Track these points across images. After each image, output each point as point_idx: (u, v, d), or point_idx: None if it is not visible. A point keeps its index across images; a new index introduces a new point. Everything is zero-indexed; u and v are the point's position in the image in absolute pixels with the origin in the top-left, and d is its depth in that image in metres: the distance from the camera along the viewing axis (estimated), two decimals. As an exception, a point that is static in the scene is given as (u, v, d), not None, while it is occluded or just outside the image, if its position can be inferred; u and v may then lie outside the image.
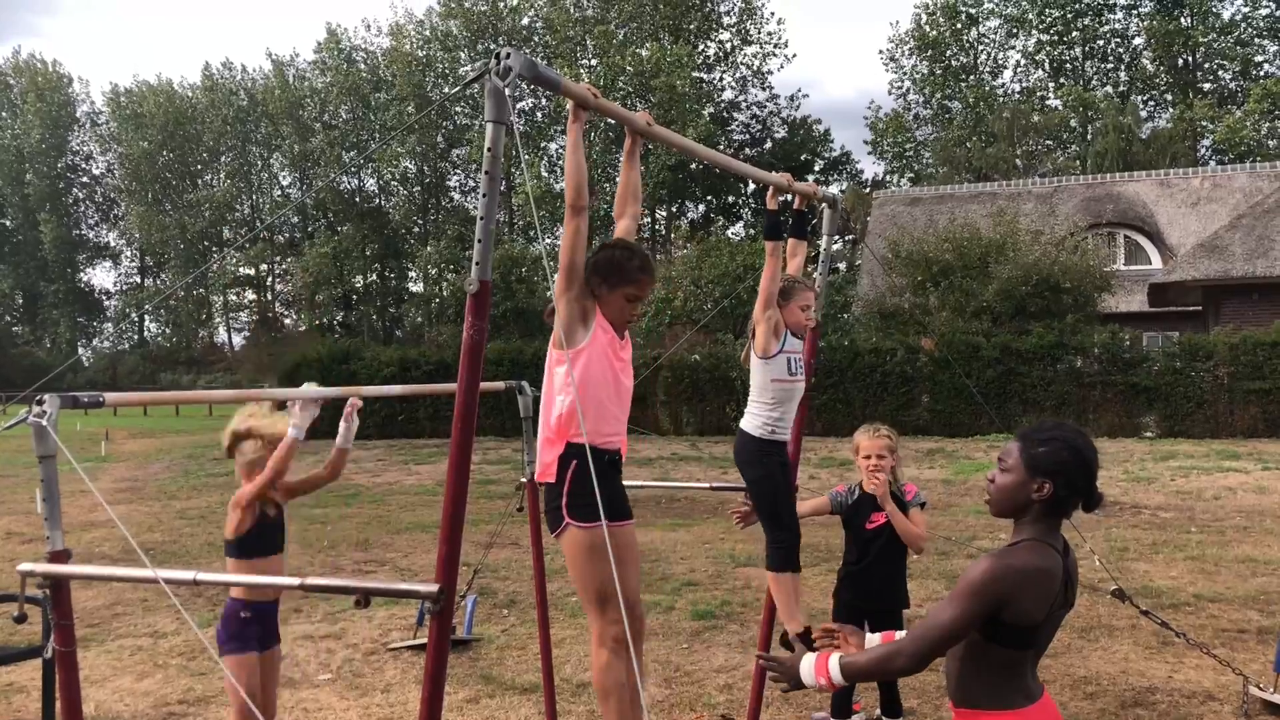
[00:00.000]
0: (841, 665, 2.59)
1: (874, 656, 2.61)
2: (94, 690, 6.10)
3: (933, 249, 24.61)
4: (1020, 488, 2.53)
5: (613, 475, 3.54)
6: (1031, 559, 2.46)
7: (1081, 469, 2.52)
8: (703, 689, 6.06)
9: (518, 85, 2.47)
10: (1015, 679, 2.55)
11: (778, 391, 4.31)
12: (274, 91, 65.18)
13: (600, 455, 3.41)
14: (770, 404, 4.32)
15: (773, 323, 4.23)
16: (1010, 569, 2.43)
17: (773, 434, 4.35)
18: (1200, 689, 5.89)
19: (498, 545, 10.10)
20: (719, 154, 4.05)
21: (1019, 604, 2.43)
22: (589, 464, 3.15)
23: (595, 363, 3.42)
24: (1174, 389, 20.73)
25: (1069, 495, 2.52)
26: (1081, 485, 2.53)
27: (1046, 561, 2.48)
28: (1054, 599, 2.49)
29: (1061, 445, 2.52)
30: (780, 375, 4.29)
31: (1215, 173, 32.80)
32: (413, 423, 24.54)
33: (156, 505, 14.86)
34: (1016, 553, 2.48)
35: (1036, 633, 2.51)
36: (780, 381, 4.30)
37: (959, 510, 12.91)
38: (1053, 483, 2.49)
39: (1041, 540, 2.51)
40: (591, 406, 3.38)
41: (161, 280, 71.90)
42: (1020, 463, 2.53)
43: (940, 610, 2.50)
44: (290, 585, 2.61)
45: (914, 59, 58.14)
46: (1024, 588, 2.43)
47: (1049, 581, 2.47)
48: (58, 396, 2.84)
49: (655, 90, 47.19)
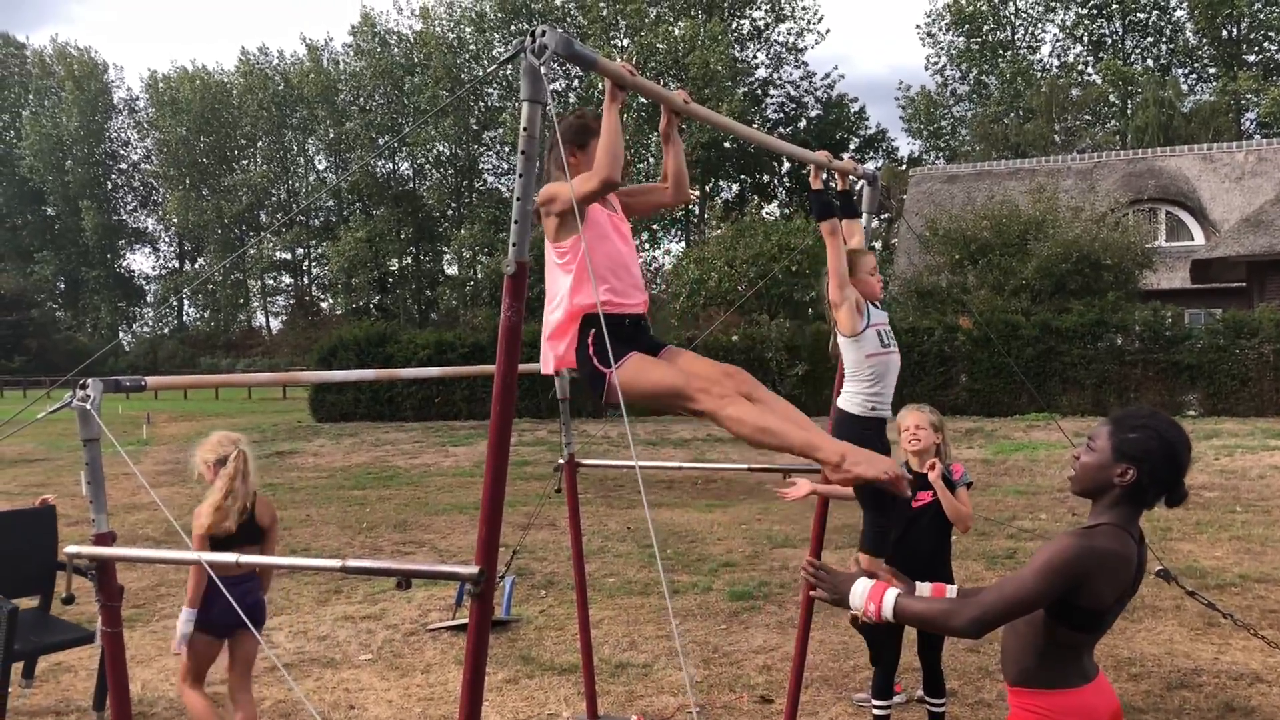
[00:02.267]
0: (898, 603, 2.56)
1: (934, 607, 2.57)
2: (140, 670, 6.19)
3: (971, 226, 24.36)
4: (1103, 470, 2.49)
5: (641, 335, 3.26)
6: (1112, 543, 2.43)
7: (1168, 461, 2.47)
8: (741, 670, 6.05)
9: (553, 64, 2.44)
10: (1075, 661, 2.53)
11: (874, 365, 4.23)
12: (309, 76, 65.48)
13: (621, 320, 3.19)
14: (869, 380, 4.24)
15: (852, 300, 4.17)
16: (1093, 550, 2.40)
17: (874, 410, 4.25)
18: (1248, 670, 5.82)
19: (535, 526, 10.14)
20: (757, 132, 4.00)
21: (1094, 587, 2.40)
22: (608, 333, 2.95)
23: (594, 228, 3.19)
24: (1217, 367, 20.43)
25: (1152, 485, 2.48)
26: (1166, 477, 2.48)
27: (1125, 548, 2.44)
28: (1125, 586, 2.47)
29: (1152, 434, 2.47)
30: (874, 349, 4.21)
31: (1260, 146, 32.15)
32: (449, 405, 24.66)
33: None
34: (1098, 535, 2.45)
35: (1103, 617, 2.48)
36: (875, 356, 4.22)
37: (998, 490, 12.81)
38: (1137, 469, 2.45)
39: (1120, 526, 2.47)
40: (603, 271, 3.14)
41: (200, 265, 72.62)
42: (1108, 445, 2.50)
43: (1014, 581, 2.46)
44: (331, 568, 2.62)
45: (951, 34, 57.48)
46: (1102, 571, 2.40)
47: (1124, 568, 2.44)
48: (100, 381, 2.86)
49: (689, 68, 46.94)
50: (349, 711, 5.53)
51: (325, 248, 63.46)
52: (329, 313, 65.00)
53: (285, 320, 68.82)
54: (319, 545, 10.34)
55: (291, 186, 70.34)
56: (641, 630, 6.87)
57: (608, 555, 9.43)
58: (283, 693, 5.81)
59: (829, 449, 2.83)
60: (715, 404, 2.93)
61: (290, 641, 6.83)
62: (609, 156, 2.93)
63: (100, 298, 71.90)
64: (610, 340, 2.95)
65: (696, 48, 47.26)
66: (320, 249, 66.81)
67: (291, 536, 10.89)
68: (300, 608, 7.69)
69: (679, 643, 6.54)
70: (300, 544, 10.44)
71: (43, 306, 67.96)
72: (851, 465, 2.77)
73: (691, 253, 28.70)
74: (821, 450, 2.83)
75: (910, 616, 2.58)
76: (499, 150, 62.09)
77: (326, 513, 12.46)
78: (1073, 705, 2.50)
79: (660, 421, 20.67)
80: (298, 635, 6.96)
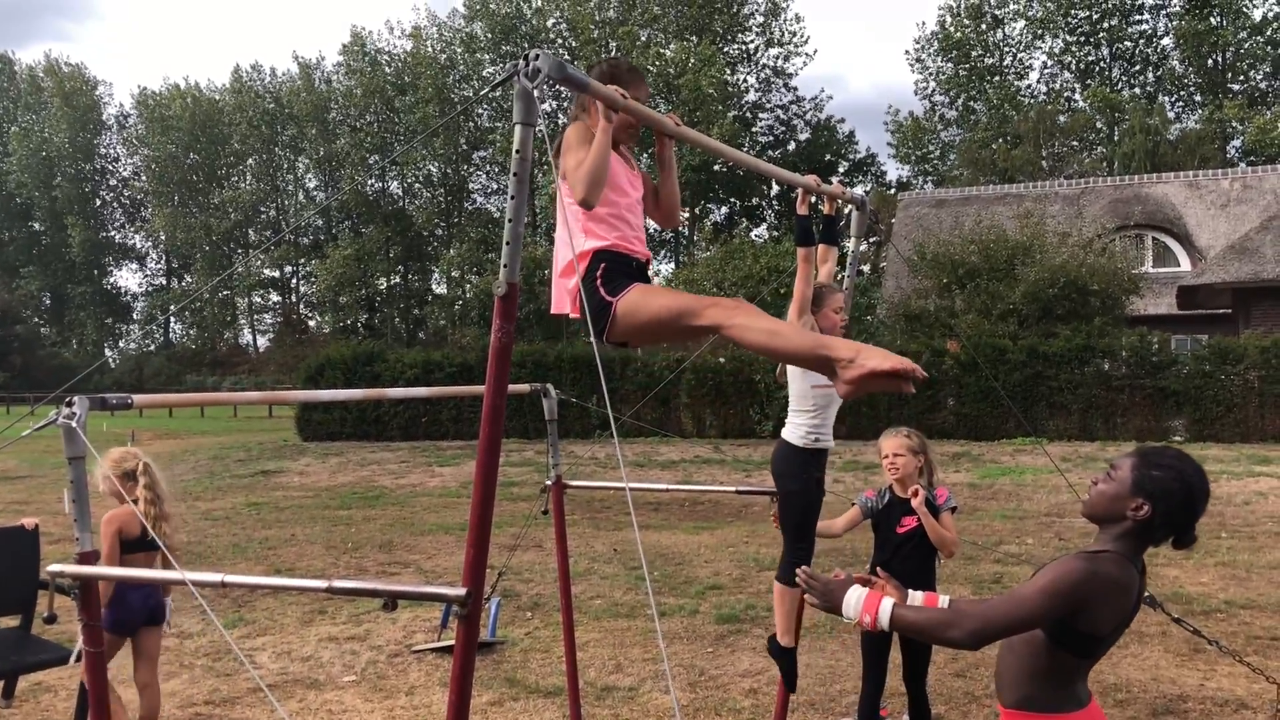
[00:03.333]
0: (894, 612, 2.55)
1: (931, 617, 2.56)
2: (122, 690, 6.12)
3: (958, 251, 24.46)
4: (1119, 500, 2.50)
5: (643, 277, 3.22)
6: (1116, 571, 2.44)
7: (1186, 505, 2.49)
8: (728, 694, 6.03)
9: (545, 87, 2.45)
10: (1069, 685, 2.54)
11: (819, 398, 4.28)
12: (300, 94, 65.58)
13: (627, 259, 3.16)
14: (812, 411, 4.29)
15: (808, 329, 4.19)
16: (1097, 576, 2.41)
17: (816, 442, 4.31)
18: (1233, 697, 5.82)
19: (522, 547, 10.10)
20: (747, 156, 4.02)
21: (1095, 612, 2.41)
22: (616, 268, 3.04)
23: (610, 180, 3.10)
24: (1203, 392, 20.51)
25: (1164, 525, 2.49)
26: (1179, 521, 2.50)
27: (1128, 578, 2.46)
28: (1124, 616, 2.48)
29: (1175, 476, 2.49)
30: (820, 381, 4.20)
31: (1245, 174, 32.43)
32: (436, 425, 24.58)
33: (181, 506, 14.94)
34: (1104, 561, 2.45)
35: (1099, 644, 2.49)
36: (821, 388, 4.25)
37: (985, 514, 12.82)
38: (1152, 507, 2.46)
39: (1126, 556, 2.49)
40: (610, 214, 3.12)
41: (187, 282, 72.44)
42: (1130, 477, 2.51)
43: (1016, 597, 2.46)
44: (317, 588, 2.60)
45: (939, 60, 57.93)
46: (1105, 598, 2.41)
47: (1126, 597, 2.45)
48: (86, 398, 2.84)
49: (680, 90, 47.18)
50: (332, 733, 5.48)
51: (314, 265, 63.41)
52: (316, 331, 64.89)
53: (272, 338, 68.66)
54: (304, 565, 10.27)
55: (281, 204, 70.30)
56: (628, 653, 6.84)
57: (594, 577, 9.40)
58: (266, 714, 5.76)
59: (841, 347, 2.75)
60: (723, 314, 2.83)
61: (274, 662, 6.78)
62: (589, 179, 2.89)
63: (86, 314, 71.67)
64: (617, 274, 3.02)
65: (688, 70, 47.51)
66: (309, 267, 66.77)
67: (276, 556, 10.82)
68: (284, 628, 7.64)
69: (666, 666, 6.51)
70: (285, 564, 10.38)
71: (28, 322, 67.64)
72: (865, 359, 2.66)
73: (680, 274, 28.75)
74: (833, 348, 2.73)
75: (907, 627, 2.57)
76: (488, 170, 62.25)
77: (312, 532, 12.39)
78: None
79: (648, 443, 20.65)
80: (281, 656, 6.91)
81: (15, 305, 64.60)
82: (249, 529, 12.73)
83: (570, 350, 24.22)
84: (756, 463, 18.21)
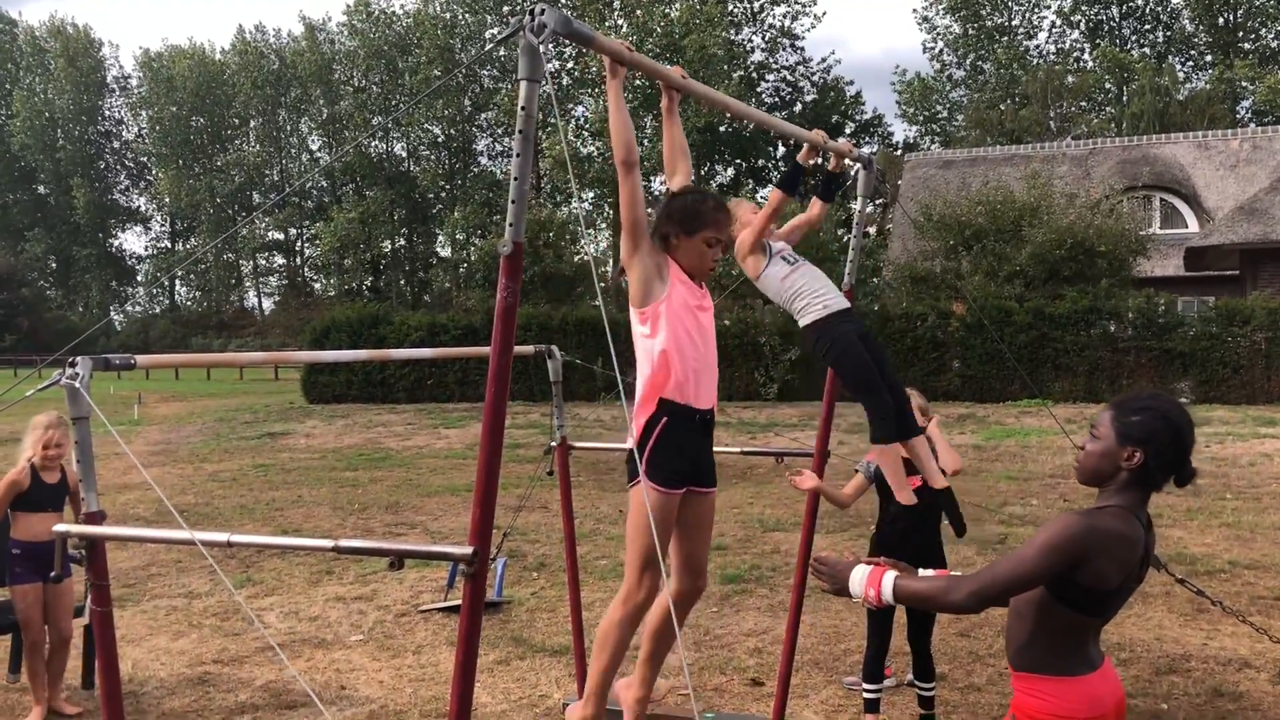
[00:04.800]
0: (896, 584, 2.57)
1: (932, 585, 2.58)
2: (131, 649, 6.18)
3: (965, 212, 24.32)
4: (1109, 455, 2.49)
5: (702, 437, 3.40)
6: (1116, 524, 2.42)
7: (1173, 441, 2.47)
8: (733, 653, 6.07)
9: (551, 43, 2.42)
10: (1079, 646, 2.51)
11: (794, 282, 4.14)
12: (304, 55, 65.10)
13: (690, 414, 3.32)
14: (802, 293, 4.13)
15: (748, 248, 4.16)
16: (1093, 529, 2.39)
17: (826, 308, 4.10)
18: (1236, 656, 5.84)
19: (527, 508, 10.14)
20: (753, 109, 3.97)
21: (1096, 566, 2.39)
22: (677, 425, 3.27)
23: (677, 317, 3.27)
24: (1210, 354, 20.47)
25: (1159, 467, 2.47)
26: (1172, 458, 2.48)
27: (1130, 530, 2.44)
28: (1131, 569, 2.46)
29: (1155, 415, 2.47)
30: (785, 272, 4.15)
31: (1255, 134, 32.13)
32: (442, 387, 24.63)
33: (189, 468, 15.01)
34: (1102, 515, 2.44)
35: (1107, 600, 2.47)
36: (790, 276, 4.15)
37: (990, 475, 12.83)
38: (1143, 452, 2.45)
39: (1128, 509, 2.47)
40: (679, 363, 3.26)
41: (192, 244, 72.30)
42: (1111, 431, 2.49)
43: (1013, 557, 2.45)
44: (324, 548, 2.60)
45: (948, 19, 57.31)
46: (1104, 550, 2.39)
47: (1130, 550, 2.43)
48: (90, 358, 2.83)
49: (685, 50, 46.75)
50: (340, 691, 5.53)
51: (318, 228, 63.23)
52: (321, 294, 64.84)
53: (278, 301, 68.61)
54: (310, 526, 10.33)
55: (285, 166, 70.01)
56: (633, 613, 6.87)
57: (599, 538, 9.44)
58: (275, 672, 5.81)
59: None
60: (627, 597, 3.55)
61: (282, 622, 6.82)
62: (621, 136, 3.09)
63: (91, 276, 71.55)
64: (680, 429, 3.29)
65: (693, 30, 47.05)
66: (313, 229, 66.61)
67: (283, 517, 10.88)
68: (292, 588, 7.69)
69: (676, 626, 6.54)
70: (292, 524, 10.44)
71: (34, 285, 67.60)
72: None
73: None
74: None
75: (909, 596, 2.59)
76: (493, 132, 61.84)
77: (318, 494, 12.44)
78: (1078, 693, 2.48)
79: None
80: (289, 615, 6.96)
81: (21, 268, 64.56)
82: (256, 490, 12.79)
83: (575, 313, 24.18)
84: (761, 425, 18.22)
